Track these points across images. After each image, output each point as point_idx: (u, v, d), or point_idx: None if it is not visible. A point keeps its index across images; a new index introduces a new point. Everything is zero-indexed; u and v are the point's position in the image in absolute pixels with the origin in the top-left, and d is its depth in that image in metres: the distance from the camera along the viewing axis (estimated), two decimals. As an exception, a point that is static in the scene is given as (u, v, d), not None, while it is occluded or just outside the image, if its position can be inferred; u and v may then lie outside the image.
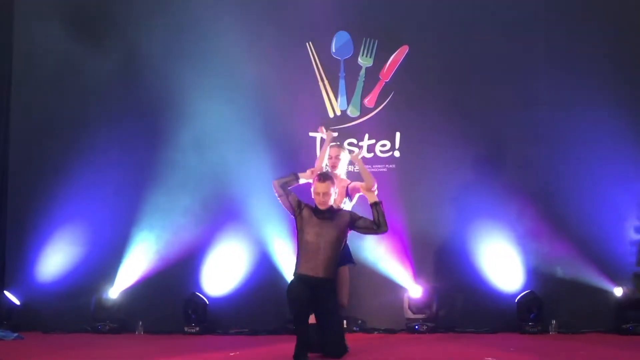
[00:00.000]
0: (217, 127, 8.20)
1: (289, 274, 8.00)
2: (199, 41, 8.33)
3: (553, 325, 7.56)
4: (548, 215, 7.79)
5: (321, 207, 5.87)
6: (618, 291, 7.51)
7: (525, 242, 7.88)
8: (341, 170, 6.40)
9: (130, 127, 8.24)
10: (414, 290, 7.87)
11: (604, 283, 7.50)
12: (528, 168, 7.94)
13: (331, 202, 5.89)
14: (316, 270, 5.78)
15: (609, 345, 6.48)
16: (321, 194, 5.85)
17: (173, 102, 8.21)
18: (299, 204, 5.97)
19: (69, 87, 8.45)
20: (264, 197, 8.09)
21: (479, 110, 8.08)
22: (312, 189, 5.95)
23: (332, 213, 5.90)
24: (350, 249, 6.30)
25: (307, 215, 5.90)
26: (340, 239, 5.91)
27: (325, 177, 5.91)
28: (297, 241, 5.95)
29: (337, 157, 6.36)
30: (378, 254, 8.00)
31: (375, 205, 5.93)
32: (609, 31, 7.93)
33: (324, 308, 5.78)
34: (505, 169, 7.97)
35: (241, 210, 8.17)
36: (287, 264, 8.05)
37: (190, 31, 8.36)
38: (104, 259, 8.15)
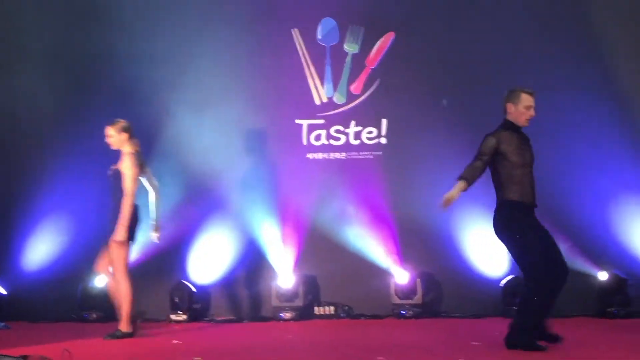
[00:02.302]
0: (203, 115, 8.17)
1: (275, 262, 8.05)
2: (184, 29, 8.29)
3: (538, 310, 7.62)
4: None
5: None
6: (602, 275, 7.58)
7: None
8: None
9: (115, 115, 8.17)
10: (401, 276, 7.91)
11: (588, 267, 7.56)
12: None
13: None
14: None
15: (593, 328, 6.54)
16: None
17: (157, 90, 8.16)
18: None
19: (51, 75, 8.38)
20: (251, 185, 8.12)
21: (464, 97, 8.11)
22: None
23: None
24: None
25: None
26: None
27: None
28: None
29: None
30: (365, 240, 8.03)
31: None
32: (593, 17, 7.95)
33: None
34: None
35: (228, 198, 8.17)
36: (273, 252, 8.07)
37: (175, 18, 8.31)
38: (90, 247, 8.06)
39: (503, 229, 5.56)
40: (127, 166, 6.47)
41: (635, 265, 7.71)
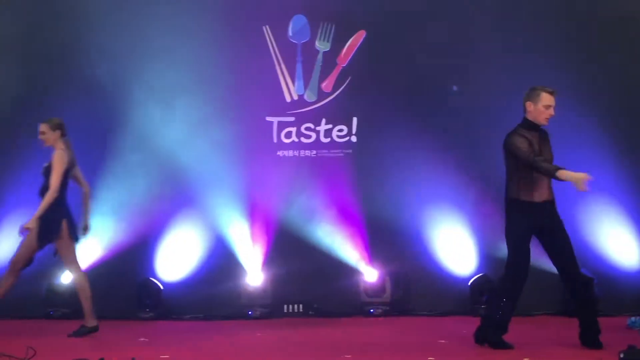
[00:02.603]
0: (171, 111, 8.10)
1: (244, 259, 8.02)
2: (153, 23, 8.18)
3: (505, 309, 7.69)
4: (502, 199, 7.88)
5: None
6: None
7: (479, 226, 7.99)
8: None
9: (80, 111, 8.06)
10: (369, 274, 7.92)
11: (552, 267, 7.63)
12: (484, 153, 8.02)
13: None
14: None
15: (558, 327, 6.61)
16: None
17: (124, 84, 8.05)
18: None
19: (17, 66, 8.23)
20: (220, 182, 8.07)
21: (435, 96, 8.14)
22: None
23: None
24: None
25: None
26: None
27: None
28: None
29: None
30: (333, 238, 8.03)
31: None
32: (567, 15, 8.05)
33: None
34: (461, 155, 8.03)
35: (197, 195, 8.11)
36: (241, 249, 8.04)
37: (144, 12, 8.21)
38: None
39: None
40: (56, 162, 6.54)
41: (600, 264, 7.80)
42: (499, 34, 8.09)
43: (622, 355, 4.90)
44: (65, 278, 7.86)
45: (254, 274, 7.91)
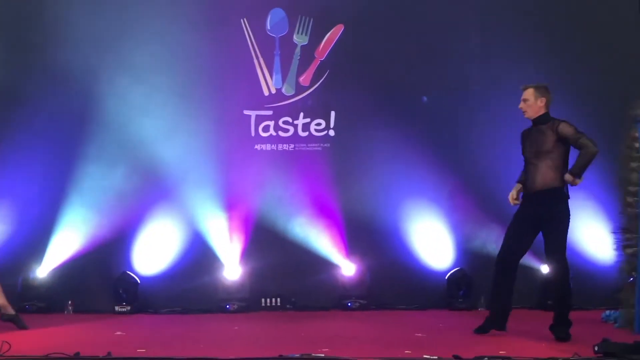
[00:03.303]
0: (148, 103, 8.04)
1: (221, 253, 8.00)
2: (130, 16, 8.12)
3: (482, 302, 7.76)
4: (478, 195, 7.94)
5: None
6: (544, 268, 7.73)
7: (456, 220, 8.04)
8: None
9: (58, 103, 8.00)
10: (347, 268, 7.94)
11: (530, 261, 7.69)
12: (460, 148, 8.07)
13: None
14: None
15: (534, 320, 6.67)
16: None
17: (101, 76, 7.99)
18: None
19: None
20: (197, 176, 8.04)
21: (413, 90, 8.17)
22: None
23: None
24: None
25: None
26: None
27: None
28: None
29: None
30: (311, 232, 8.04)
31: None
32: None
33: None
34: (438, 149, 8.06)
35: (173, 188, 8.08)
36: (218, 243, 8.02)
37: (120, 5, 8.14)
38: (32, 237, 7.93)
39: None
40: None
41: (577, 258, 7.86)
42: (479, 30, 8.13)
43: (596, 349, 4.95)
44: (41, 272, 7.80)
45: (232, 267, 7.90)
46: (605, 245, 7.92)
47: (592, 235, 7.93)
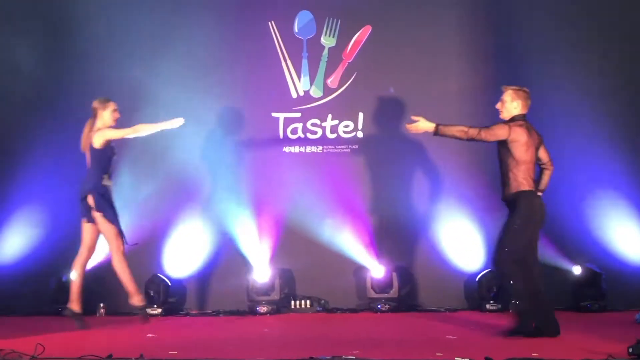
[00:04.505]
0: (178, 107, 8.06)
1: (251, 255, 8.02)
2: (158, 21, 8.21)
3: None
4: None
5: None
6: (576, 270, 7.64)
7: (487, 221, 7.97)
8: None
9: (88, 107, 8.07)
10: (377, 270, 7.92)
11: (562, 262, 7.62)
12: (488, 147, 7.99)
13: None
14: None
15: (567, 322, 6.59)
16: None
17: (131, 82, 8.05)
18: None
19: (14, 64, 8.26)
20: (226, 178, 8.08)
21: (440, 91, 8.12)
22: None
23: None
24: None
25: None
26: None
27: None
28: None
29: None
30: (340, 233, 8.03)
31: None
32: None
33: None
34: (466, 149, 8.00)
35: (203, 191, 8.13)
36: (248, 245, 8.05)
37: (149, 10, 8.22)
38: (64, 240, 8.00)
39: None
40: None
41: (608, 259, 7.78)
42: (507, 25, 8.06)
43: (631, 350, 4.88)
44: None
45: (261, 269, 7.92)
46: (637, 245, 7.84)
47: (624, 235, 7.84)
